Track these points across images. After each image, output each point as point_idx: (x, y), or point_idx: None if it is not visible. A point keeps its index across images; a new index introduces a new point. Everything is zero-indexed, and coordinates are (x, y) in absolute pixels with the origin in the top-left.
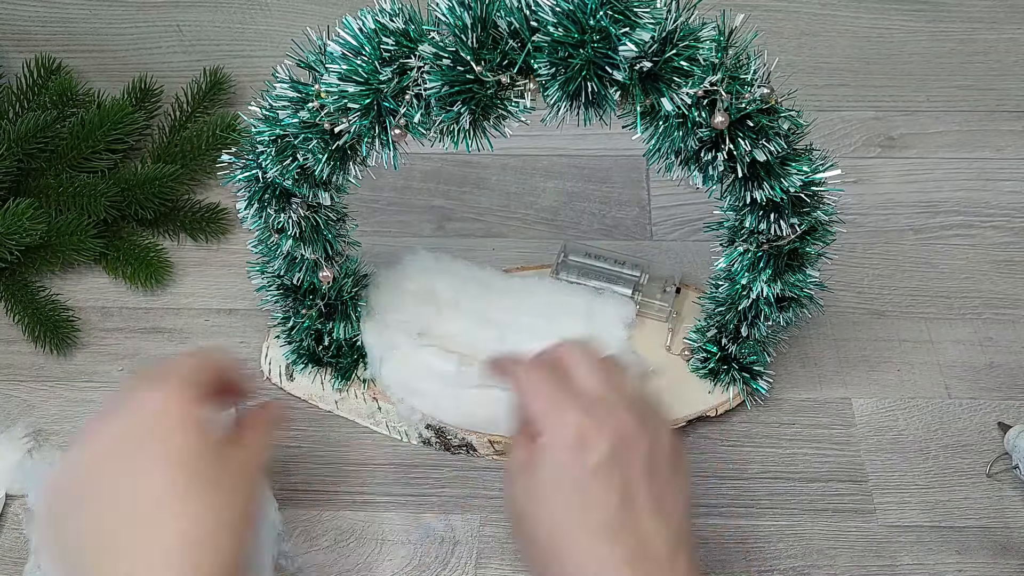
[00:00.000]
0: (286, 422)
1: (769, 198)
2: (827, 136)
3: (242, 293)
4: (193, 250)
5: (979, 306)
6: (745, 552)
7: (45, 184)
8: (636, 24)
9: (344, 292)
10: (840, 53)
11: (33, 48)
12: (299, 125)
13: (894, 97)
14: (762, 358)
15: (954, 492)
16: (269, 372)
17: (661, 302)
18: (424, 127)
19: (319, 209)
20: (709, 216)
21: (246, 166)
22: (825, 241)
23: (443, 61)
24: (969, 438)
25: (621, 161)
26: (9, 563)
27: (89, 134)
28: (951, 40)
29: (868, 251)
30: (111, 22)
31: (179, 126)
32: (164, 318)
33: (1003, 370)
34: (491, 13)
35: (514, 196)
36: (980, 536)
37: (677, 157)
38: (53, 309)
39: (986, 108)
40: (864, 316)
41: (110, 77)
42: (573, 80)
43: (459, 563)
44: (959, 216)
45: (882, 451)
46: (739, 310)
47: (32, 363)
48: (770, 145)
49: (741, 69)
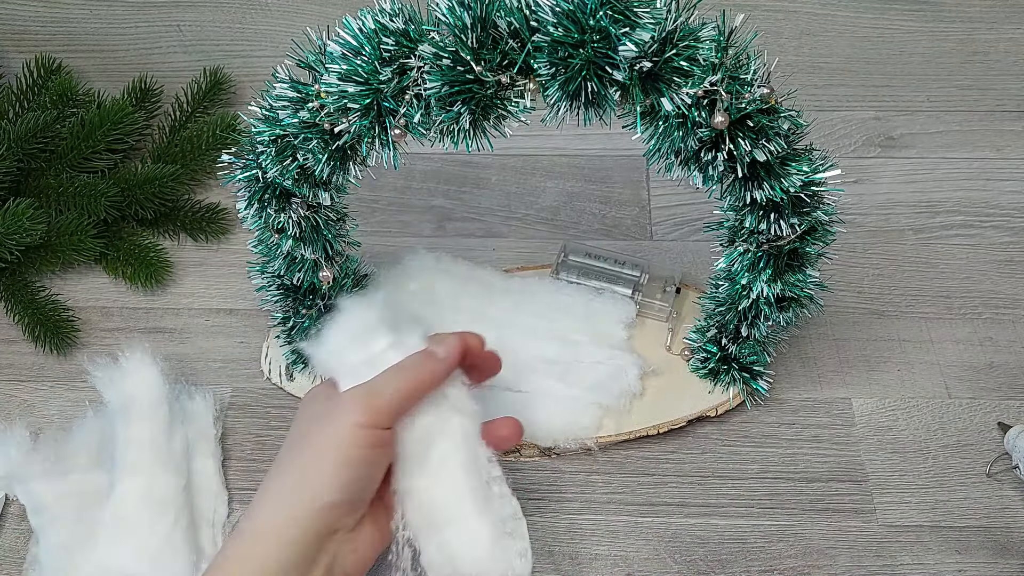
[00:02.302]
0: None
1: (769, 198)
2: (827, 136)
3: (242, 293)
4: (193, 250)
5: (979, 306)
6: (745, 552)
7: (45, 184)
8: (636, 24)
9: (344, 292)
10: (840, 53)
11: (33, 48)
12: (299, 125)
13: (894, 97)
14: (762, 358)
15: (954, 492)
16: (269, 372)
17: (661, 302)
18: (424, 127)
19: (319, 209)
20: (709, 216)
21: (246, 166)
22: (825, 241)
23: (443, 61)
24: (969, 438)
25: (621, 161)
26: (9, 563)
27: (89, 134)
28: (951, 40)
29: (868, 251)
30: (111, 22)
31: (179, 126)
32: (164, 318)
33: (1003, 370)
34: (491, 13)
35: (514, 196)
36: (980, 536)
37: (677, 157)
38: (53, 309)
39: (986, 108)
40: (864, 316)
41: (110, 77)
42: (573, 80)
43: None
44: (959, 216)
45: (882, 451)
46: (739, 310)
47: (32, 363)
48: (770, 145)
49: (741, 69)
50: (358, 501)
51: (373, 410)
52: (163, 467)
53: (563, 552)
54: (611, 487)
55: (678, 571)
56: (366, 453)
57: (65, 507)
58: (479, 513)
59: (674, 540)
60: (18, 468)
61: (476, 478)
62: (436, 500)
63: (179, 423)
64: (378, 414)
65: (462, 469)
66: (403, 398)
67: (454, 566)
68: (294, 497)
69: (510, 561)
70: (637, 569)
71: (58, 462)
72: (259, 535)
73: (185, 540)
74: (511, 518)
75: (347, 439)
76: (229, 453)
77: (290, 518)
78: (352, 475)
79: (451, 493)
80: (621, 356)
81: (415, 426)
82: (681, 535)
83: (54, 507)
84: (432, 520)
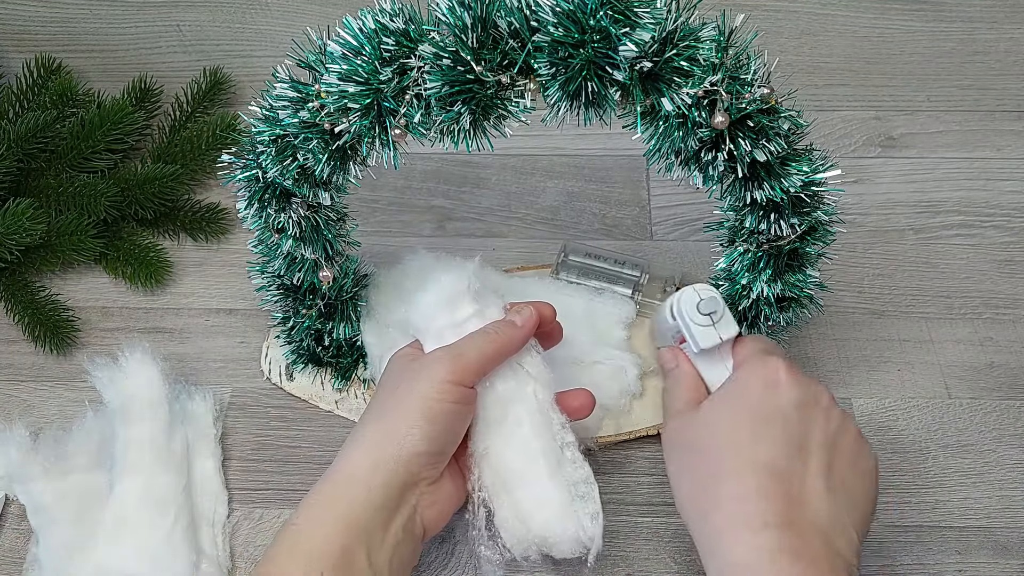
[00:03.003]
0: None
1: (769, 198)
2: (827, 136)
3: (242, 293)
4: (193, 250)
5: (979, 306)
6: None
7: (45, 184)
8: (636, 24)
9: (344, 292)
10: (840, 53)
11: (33, 48)
12: (299, 125)
13: (894, 97)
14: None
15: (954, 492)
16: (269, 372)
17: (661, 302)
18: (424, 127)
19: (319, 209)
20: (709, 216)
21: (246, 166)
22: (825, 241)
23: (443, 61)
24: (969, 438)
25: (621, 161)
26: (9, 563)
27: (89, 134)
28: (951, 40)
29: (868, 251)
30: (111, 22)
31: (179, 126)
32: (164, 318)
33: (1003, 370)
34: (491, 13)
35: (514, 196)
36: (980, 536)
37: (677, 157)
38: (53, 309)
39: (986, 108)
40: (864, 316)
41: (110, 77)
42: (573, 80)
43: (459, 563)
44: (959, 216)
45: (882, 451)
46: (739, 310)
47: (32, 363)
48: (770, 145)
49: (741, 69)
50: (441, 453)
51: (459, 368)
52: (163, 467)
53: None
54: (611, 487)
55: (678, 571)
56: (450, 408)
57: (65, 507)
58: (551, 476)
59: (674, 540)
60: (18, 468)
61: (549, 442)
62: (510, 462)
63: (179, 423)
64: (463, 372)
65: (536, 433)
66: (486, 359)
67: (526, 526)
68: (382, 446)
69: (581, 523)
70: (637, 569)
71: (58, 462)
72: (347, 479)
73: (185, 540)
74: (583, 482)
75: (434, 394)
76: (229, 453)
77: (378, 465)
78: (437, 428)
79: (525, 456)
80: (621, 356)
81: (494, 389)
82: (681, 535)
83: (54, 507)
84: (506, 482)
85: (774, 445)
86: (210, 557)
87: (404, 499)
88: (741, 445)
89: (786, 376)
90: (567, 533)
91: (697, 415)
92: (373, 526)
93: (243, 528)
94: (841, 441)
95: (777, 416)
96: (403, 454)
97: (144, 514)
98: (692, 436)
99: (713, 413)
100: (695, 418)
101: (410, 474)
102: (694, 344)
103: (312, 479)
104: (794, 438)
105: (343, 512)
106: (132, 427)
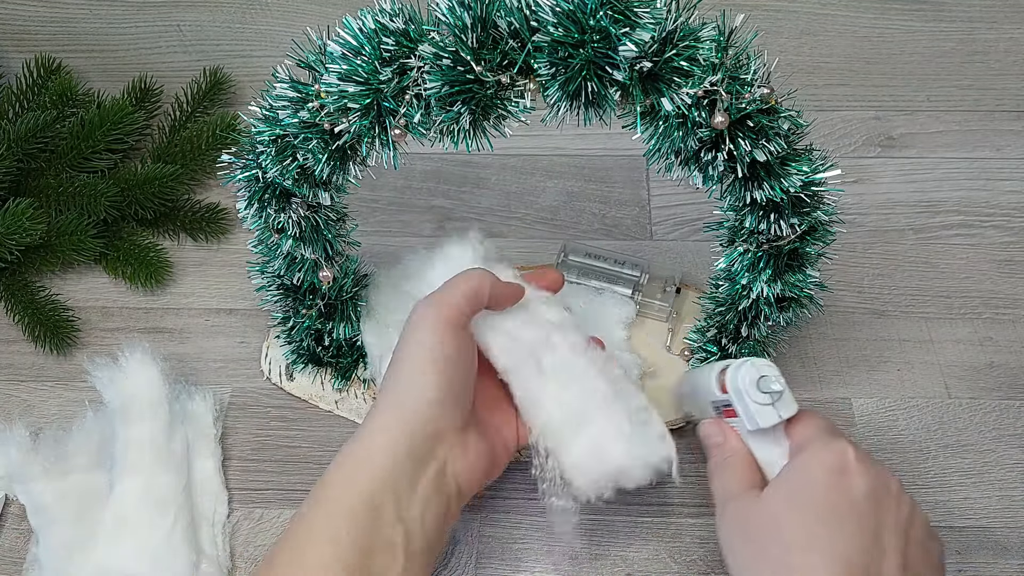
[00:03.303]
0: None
1: (769, 198)
2: (827, 136)
3: (242, 293)
4: (193, 250)
5: (979, 306)
6: None
7: (45, 184)
8: (636, 24)
9: (344, 292)
10: (840, 53)
11: (33, 48)
12: (299, 125)
13: (894, 97)
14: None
15: (954, 492)
16: (269, 372)
17: (661, 302)
18: (424, 127)
19: (319, 209)
20: (709, 216)
21: (246, 166)
22: (825, 241)
23: (443, 61)
24: (969, 438)
25: (621, 161)
26: (9, 563)
27: (89, 134)
28: (951, 40)
29: (868, 251)
30: (111, 22)
31: (179, 126)
32: (164, 318)
33: (1003, 370)
34: (491, 13)
35: (514, 196)
36: (980, 536)
37: (677, 157)
38: (53, 309)
39: (986, 108)
40: (864, 316)
41: (110, 77)
42: (573, 80)
43: (459, 563)
44: (959, 216)
45: (882, 451)
46: (739, 310)
47: (32, 363)
48: (770, 145)
49: (741, 69)
50: (455, 397)
51: (445, 307)
52: (163, 467)
53: (563, 552)
54: None
55: (678, 571)
56: (449, 352)
57: (65, 507)
58: (611, 408)
59: (674, 540)
60: (18, 468)
61: (601, 380)
62: (568, 406)
63: (179, 423)
64: (449, 310)
65: (583, 373)
66: (468, 299)
67: (601, 462)
68: (400, 400)
69: (652, 447)
70: (637, 569)
71: (58, 462)
72: (376, 433)
73: (185, 540)
74: (642, 409)
75: (429, 341)
76: (229, 453)
77: (401, 418)
78: (442, 373)
79: (581, 396)
80: (621, 356)
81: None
82: (681, 535)
83: (54, 507)
84: (569, 425)
85: (848, 539)
86: (210, 557)
87: (432, 452)
88: (812, 539)
89: (855, 463)
90: (640, 459)
91: (759, 504)
92: (399, 477)
93: (243, 528)
94: (912, 531)
95: (849, 507)
96: (420, 404)
97: (144, 514)
98: (756, 526)
99: (778, 502)
100: (757, 507)
101: (432, 423)
102: (749, 422)
103: (312, 479)
104: (867, 530)
105: (376, 466)
106: (132, 427)
